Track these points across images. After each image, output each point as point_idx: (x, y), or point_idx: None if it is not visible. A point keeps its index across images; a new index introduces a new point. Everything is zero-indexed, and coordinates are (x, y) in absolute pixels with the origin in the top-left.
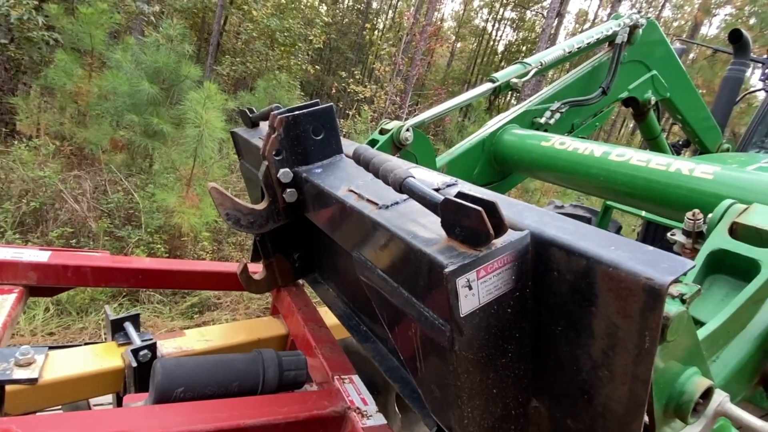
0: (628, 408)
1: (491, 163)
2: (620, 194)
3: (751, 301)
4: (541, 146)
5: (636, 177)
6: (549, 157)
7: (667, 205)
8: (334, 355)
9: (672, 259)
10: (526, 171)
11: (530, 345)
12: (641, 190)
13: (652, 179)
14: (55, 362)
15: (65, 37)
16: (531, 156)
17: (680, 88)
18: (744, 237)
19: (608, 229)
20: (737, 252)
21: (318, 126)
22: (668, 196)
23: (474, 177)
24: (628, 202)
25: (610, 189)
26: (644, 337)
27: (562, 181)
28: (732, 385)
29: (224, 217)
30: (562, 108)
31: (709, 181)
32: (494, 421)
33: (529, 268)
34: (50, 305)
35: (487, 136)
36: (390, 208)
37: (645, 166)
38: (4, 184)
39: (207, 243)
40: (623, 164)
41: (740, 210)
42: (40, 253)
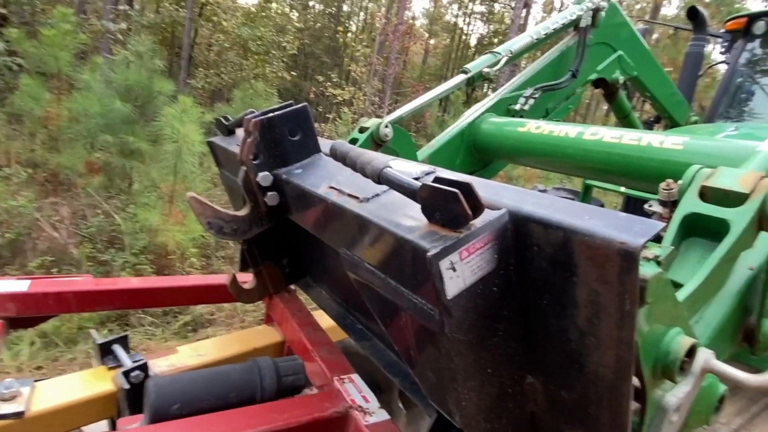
0: (617, 372)
1: (472, 153)
2: (597, 172)
3: (725, 260)
4: (518, 132)
5: (610, 154)
6: (526, 142)
7: (642, 177)
8: (332, 357)
9: (643, 223)
10: (506, 157)
11: (520, 322)
12: (616, 166)
13: (626, 154)
14: (42, 393)
15: (29, 61)
16: (509, 142)
17: (646, 66)
18: (713, 199)
19: None
20: (708, 214)
21: (294, 127)
22: (642, 169)
23: (456, 167)
24: (606, 179)
25: (587, 167)
26: (624, 301)
27: (541, 164)
28: (716, 344)
29: (206, 227)
30: (535, 94)
31: (680, 151)
32: (491, 400)
33: (510, 246)
34: (35, 338)
35: (465, 127)
36: (371, 200)
37: (618, 143)
38: None
39: (195, 259)
40: (597, 142)
41: (707, 174)
42: (19, 283)
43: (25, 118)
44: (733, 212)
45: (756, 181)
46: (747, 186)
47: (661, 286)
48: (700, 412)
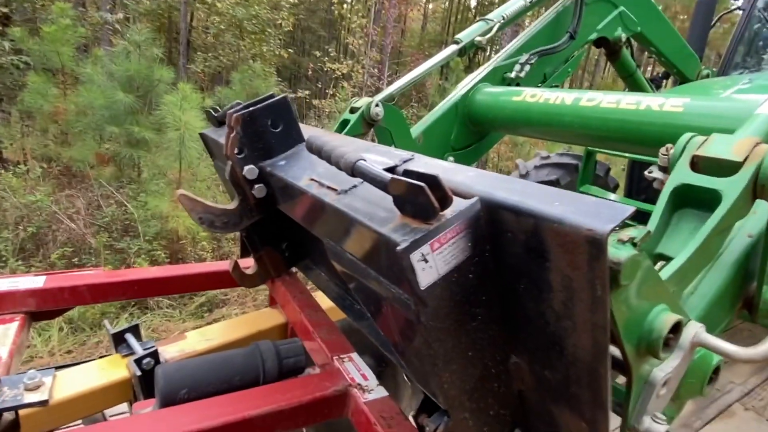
0: (594, 354)
1: (467, 126)
2: (596, 139)
3: (716, 231)
4: (513, 102)
5: (608, 119)
6: (522, 112)
7: (642, 143)
8: (332, 337)
9: (611, 207)
10: (502, 128)
11: (500, 305)
12: (615, 132)
13: (624, 119)
14: (63, 382)
15: (34, 58)
16: (504, 113)
17: (650, 20)
18: (705, 169)
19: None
20: (699, 185)
21: (275, 119)
22: (641, 134)
23: (452, 142)
24: (605, 146)
25: (584, 135)
26: (595, 286)
27: (538, 133)
28: (714, 314)
29: (198, 221)
30: (531, 59)
31: (680, 114)
32: (475, 381)
33: (484, 233)
34: (63, 325)
35: (459, 99)
36: (349, 192)
37: (616, 108)
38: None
39: (206, 242)
40: (595, 108)
41: (700, 143)
42: (36, 279)
43: (36, 114)
44: (726, 182)
45: (750, 147)
46: (741, 154)
47: (638, 267)
48: (693, 384)
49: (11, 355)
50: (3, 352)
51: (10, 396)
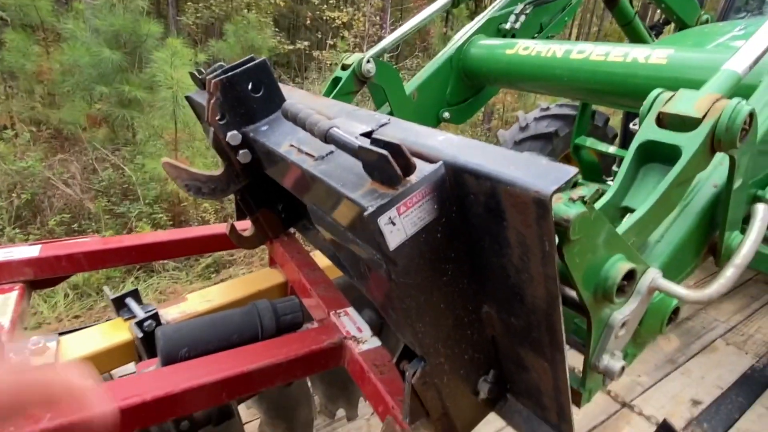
0: (547, 303)
1: (462, 80)
2: (585, 92)
3: (675, 184)
4: (506, 55)
5: (596, 72)
6: (515, 65)
7: (628, 95)
8: (328, 294)
9: (559, 170)
10: (497, 83)
11: (468, 261)
12: (603, 85)
13: (611, 72)
14: (68, 346)
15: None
16: (498, 67)
17: None
18: (670, 125)
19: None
20: (662, 141)
21: (256, 82)
22: (627, 87)
23: (447, 97)
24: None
25: (574, 89)
26: (544, 242)
27: (530, 87)
28: (679, 260)
29: (184, 189)
30: (527, 9)
31: (664, 66)
32: (448, 330)
33: (450, 196)
34: (69, 291)
35: (453, 53)
36: (326, 158)
37: (604, 60)
38: None
39: (208, 204)
40: (584, 61)
41: (666, 98)
42: (31, 249)
43: (19, 74)
44: (685, 137)
45: (710, 104)
46: (701, 110)
47: (588, 222)
48: (653, 324)
49: (13, 323)
50: (5, 321)
51: (16, 363)
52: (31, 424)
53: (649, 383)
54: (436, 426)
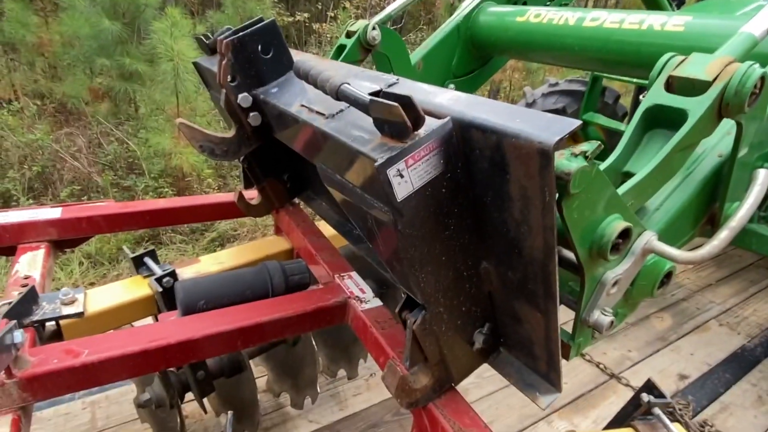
0: (544, 253)
1: (469, 50)
2: (597, 62)
3: (678, 149)
4: (516, 22)
5: (609, 41)
6: (525, 33)
7: (642, 65)
8: (333, 259)
9: (562, 122)
10: (506, 52)
11: (471, 217)
12: (616, 54)
13: (625, 40)
14: (94, 298)
15: None
16: (508, 35)
17: None
18: (679, 89)
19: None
20: (669, 105)
21: (265, 44)
22: (641, 56)
23: (453, 68)
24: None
25: (586, 58)
26: (545, 192)
27: (540, 57)
28: (676, 228)
29: (198, 150)
30: None
31: (680, 34)
32: (448, 282)
33: (456, 151)
34: (83, 259)
35: (461, 21)
36: (336, 116)
37: (618, 28)
38: (1, 153)
39: (211, 180)
40: (597, 29)
41: (677, 62)
42: (53, 211)
43: (20, 46)
44: (693, 101)
45: (722, 67)
46: (712, 73)
47: (588, 178)
48: (645, 286)
49: (43, 277)
50: (36, 274)
51: (49, 310)
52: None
53: (639, 358)
54: (433, 371)
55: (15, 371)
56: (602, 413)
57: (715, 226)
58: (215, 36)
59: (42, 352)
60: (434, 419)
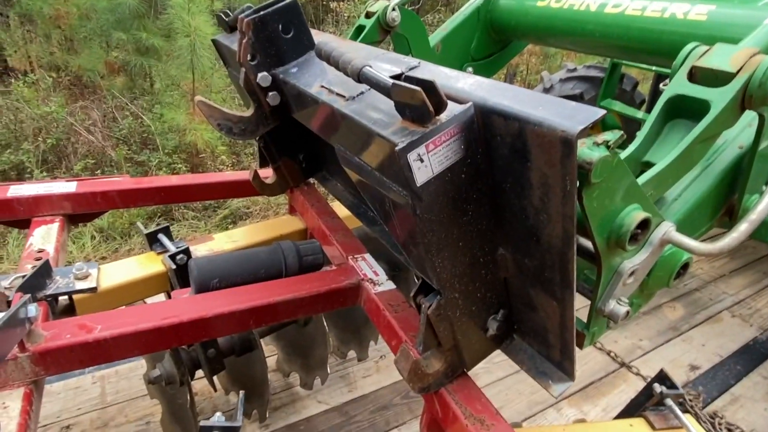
0: (563, 241)
1: (489, 33)
2: (617, 49)
3: (699, 140)
4: (537, 7)
5: (630, 28)
6: (546, 18)
7: (663, 53)
8: (347, 240)
9: (586, 111)
10: (525, 37)
11: (489, 203)
12: (637, 42)
13: (647, 28)
14: (107, 273)
15: None
16: (528, 19)
17: None
18: (702, 79)
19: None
20: (692, 95)
21: (286, 23)
22: (662, 44)
23: (472, 51)
24: (628, 57)
25: (606, 45)
26: (566, 181)
27: (561, 43)
28: (693, 219)
29: (216, 128)
30: None
31: (703, 23)
32: (464, 267)
33: (477, 137)
34: (95, 233)
35: (481, 3)
36: (356, 99)
37: (640, 15)
38: (16, 125)
39: (225, 157)
40: (618, 16)
41: (701, 53)
42: (67, 185)
43: (36, 17)
44: (716, 92)
45: (747, 58)
46: (736, 64)
47: (610, 167)
48: (661, 277)
49: (57, 251)
50: (50, 248)
51: (63, 284)
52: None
53: (650, 347)
54: (445, 356)
55: (28, 345)
56: (612, 401)
57: (733, 218)
58: (235, 14)
59: (55, 326)
60: (445, 404)
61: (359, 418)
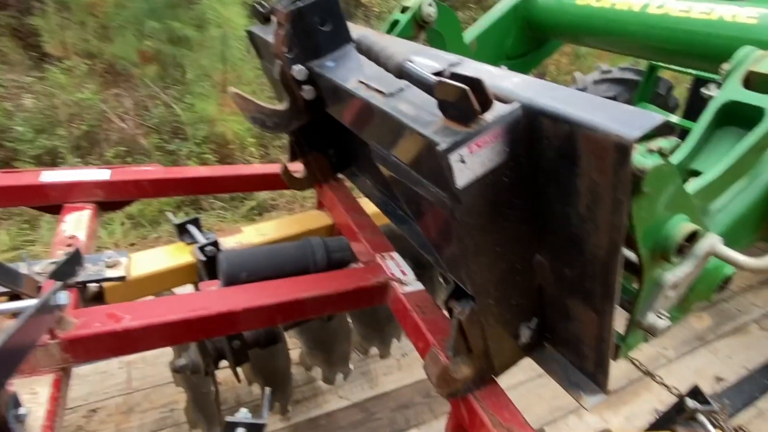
0: (608, 252)
1: (525, 31)
2: (660, 51)
3: (752, 150)
4: (576, 6)
5: (675, 30)
6: (585, 17)
7: (709, 58)
8: (375, 237)
9: (644, 116)
10: (563, 36)
11: (530, 208)
12: (681, 44)
13: (693, 30)
14: (137, 262)
15: None
16: (566, 18)
17: None
18: (758, 86)
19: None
20: (746, 102)
21: (324, 16)
22: (709, 47)
23: (507, 49)
24: (670, 59)
25: (648, 47)
26: (618, 190)
27: (600, 43)
28: (737, 231)
29: (250, 121)
30: None
31: (753, 26)
32: (501, 273)
33: (522, 139)
34: (125, 220)
35: (519, 1)
36: (395, 95)
37: (686, 17)
38: (51, 110)
39: (254, 149)
40: (663, 17)
41: (758, 57)
42: (101, 172)
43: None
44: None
45: None
46: None
47: (662, 176)
48: (702, 290)
49: (88, 238)
50: (81, 235)
51: (93, 271)
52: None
53: (675, 356)
54: (475, 362)
55: (58, 332)
56: (634, 410)
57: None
58: (271, 5)
59: (84, 314)
60: (473, 410)
61: (380, 416)
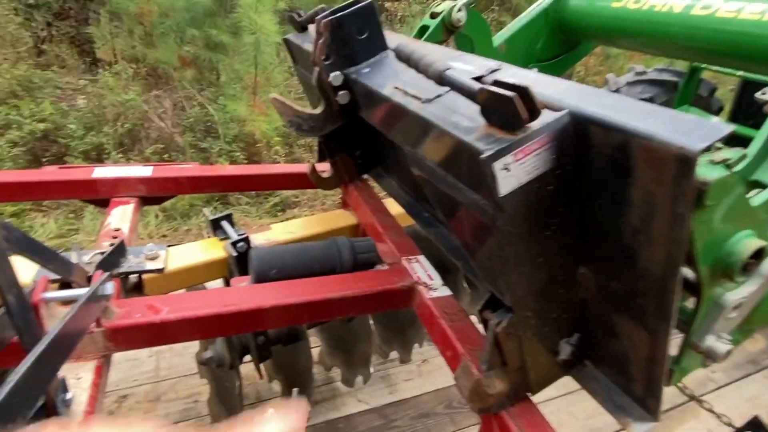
0: (666, 268)
1: (556, 34)
2: (704, 53)
3: None
4: (611, 8)
5: (722, 32)
6: (621, 20)
7: (762, 60)
8: (400, 239)
9: (707, 127)
10: (597, 39)
11: (574, 218)
12: (729, 46)
13: (744, 32)
14: (174, 256)
15: None
16: (600, 20)
17: None
18: None
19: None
20: None
21: (361, 25)
22: (763, 49)
23: (537, 52)
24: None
25: (692, 48)
26: (678, 203)
27: (639, 46)
28: None
29: (288, 124)
30: None
31: None
32: (542, 285)
33: (569, 147)
34: (159, 213)
35: (550, 4)
36: (433, 101)
37: (735, 18)
38: (100, 110)
39: (279, 147)
40: (708, 18)
41: None
42: (144, 169)
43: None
44: None
45: None
46: None
47: (726, 189)
48: (766, 312)
49: (131, 231)
50: (125, 228)
51: (134, 263)
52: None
53: (725, 381)
54: (510, 377)
55: (103, 321)
56: None
57: None
58: (309, 14)
59: (126, 305)
60: (506, 428)
61: (399, 423)
